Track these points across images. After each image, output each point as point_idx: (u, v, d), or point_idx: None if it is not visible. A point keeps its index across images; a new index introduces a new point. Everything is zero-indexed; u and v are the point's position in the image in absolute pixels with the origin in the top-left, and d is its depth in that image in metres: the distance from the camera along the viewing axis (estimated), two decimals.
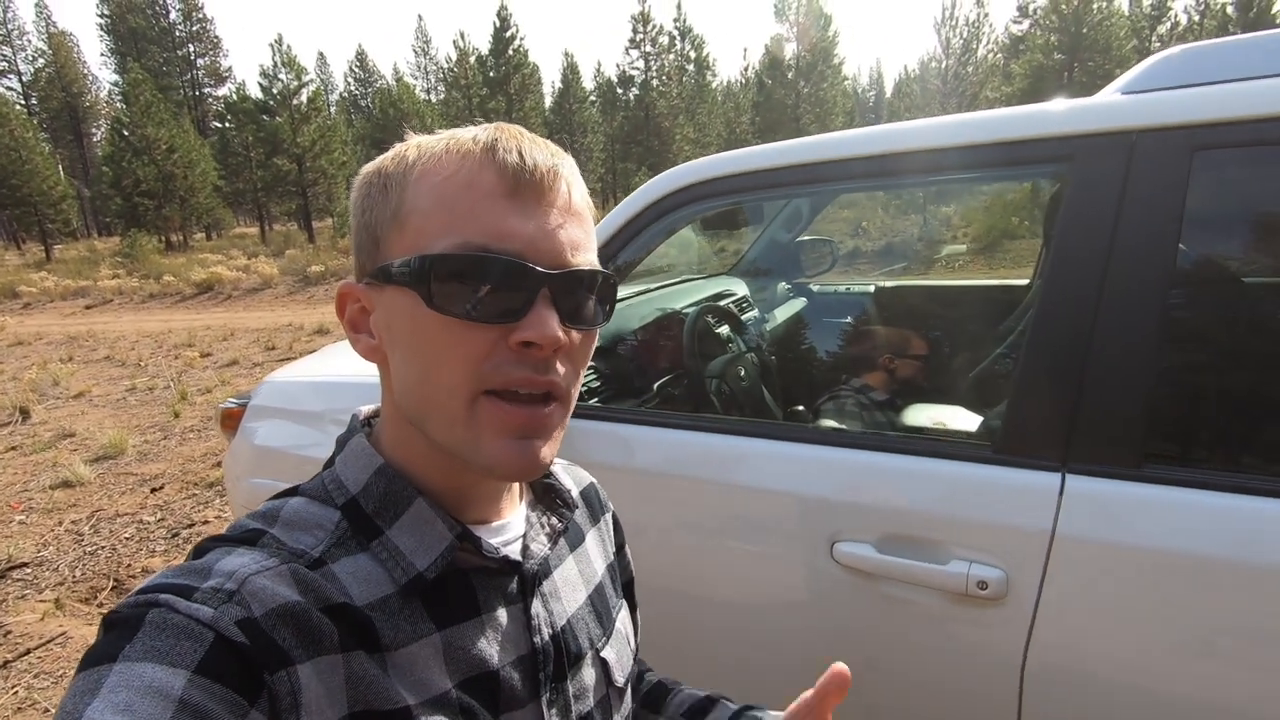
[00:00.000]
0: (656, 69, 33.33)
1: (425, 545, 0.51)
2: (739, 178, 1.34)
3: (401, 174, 0.50)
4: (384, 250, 0.50)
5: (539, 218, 0.48)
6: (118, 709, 0.36)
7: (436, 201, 0.48)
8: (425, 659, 0.49)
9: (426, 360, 0.48)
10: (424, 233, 0.48)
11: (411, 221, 0.48)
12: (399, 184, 0.50)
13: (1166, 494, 0.95)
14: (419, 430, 0.51)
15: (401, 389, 0.51)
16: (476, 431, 0.48)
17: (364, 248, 0.52)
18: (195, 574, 0.43)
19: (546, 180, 0.49)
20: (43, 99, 43.28)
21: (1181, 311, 1.00)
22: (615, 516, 0.76)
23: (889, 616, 1.12)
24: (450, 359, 0.47)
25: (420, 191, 0.48)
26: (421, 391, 0.49)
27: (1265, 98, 0.94)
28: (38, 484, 4.31)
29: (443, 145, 0.50)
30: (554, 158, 0.50)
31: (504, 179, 0.48)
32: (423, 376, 0.49)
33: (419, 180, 0.49)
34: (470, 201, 0.47)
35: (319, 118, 28.60)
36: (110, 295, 16.13)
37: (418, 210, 0.48)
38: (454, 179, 0.48)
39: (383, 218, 0.50)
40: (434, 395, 0.48)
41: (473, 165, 0.48)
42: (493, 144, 0.49)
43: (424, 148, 0.51)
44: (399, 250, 0.49)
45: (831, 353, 2.28)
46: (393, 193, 0.50)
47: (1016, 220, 12.62)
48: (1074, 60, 26.05)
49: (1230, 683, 0.91)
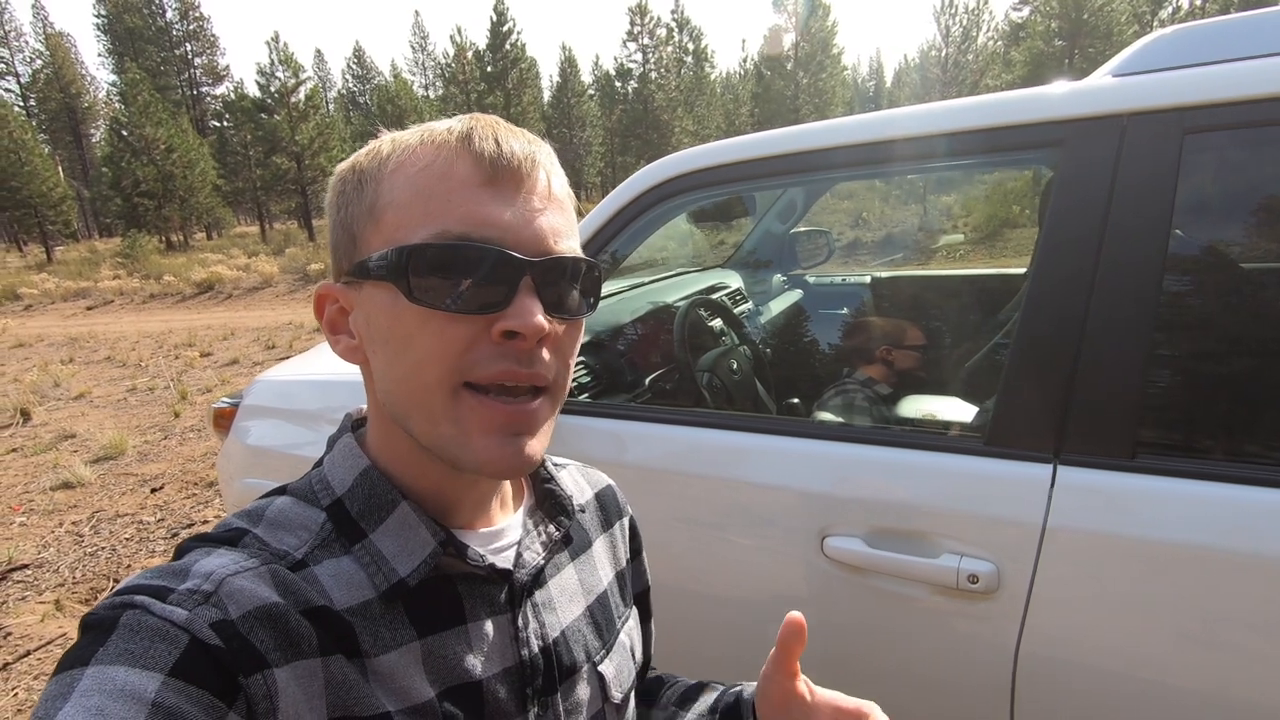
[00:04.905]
0: (654, 61, 33.19)
1: (408, 550, 0.49)
2: (728, 168, 1.33)
3: (376, 168, 0.49)
4: (361, 246, 0.49)
5: (518, 205, 0.47)
6: (90, 713, 0.35)
7: (413, 193, 0.46)
8: (405, 666, 0.48)
9: (408, 355, 0.46)
10: (401, 225, 0.47)
11: (388, 215, 0.47)
12: (374, 179, 0.48)
13: (1160, 484, 0.94)
14: (404, 430, 0.50)
15: (384, 387, 0.49)
16: (462, 428, 0.47)
17: (341, 246, 0.51)
18: (173, 575, 0.43)
19: (524, 168, 0.48)
20: (41, 100, 43.24)
21: (1174, 298, 0.98)
22: (633, 521, 0.73)
23: (880, 611, 1.11)
24: (432, 353, 0.46)
25: (396, 184, 0.47)
26: (404, 388, 0.47)
27: (1257, 78, 0.92)
28: (38, 485, 4.32)
29: (417, 137, 0.49)
30: (531, 145, 0.49)
31: (480, 167, 0.46)
32: (405, 373, 0.47)
33: (394, 173, 0.48)
34: (447, 191, 0.46)
35: (317, 115, 28.58)
36: (111, 296, 16.16)
37: (394, 203, 0.47)
38: (429, 170, 0.47)
39: (359, 214, 0.49)
40: (416, 392, 0.47)
41: (448, 155, 0.47)
42: (468, 133, 0.47)
43: (398, 141, 0.49)
44: (376, 245, 0.48)
45: (824, 345, 2.27)
46: (368, 188, 0.49)
47: (1017, 209, 12.57)
48: (1074, 46, 25.86)
49: (1224, 673, 0.90)
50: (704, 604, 1.28)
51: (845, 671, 1.16)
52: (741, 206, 2.47)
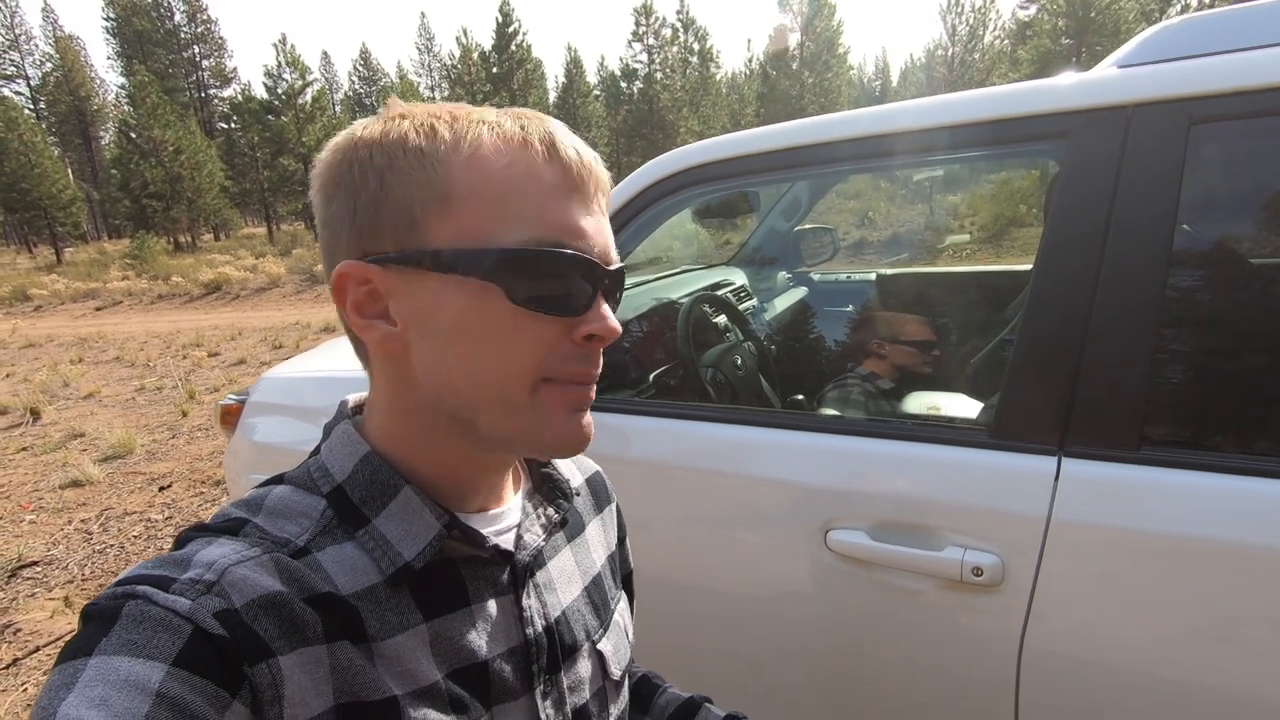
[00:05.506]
0: (660, 62, 33.17)
1: (413, 534, 0.50)
2: (734, 161, 1.33)
3: (442, 151, 0.46)
4: (423, 232, 0.46)
5: (594, 214, 0.50)
6: (93, 703, 0.35)
7: (500, 191, 0.46)
8: (413, 649, 0.48)
9: (493, 352, 0.47)
10: (486, 221, 0.46)
11: (466, 207, 0.46)
12: (441, 162, 0.46)
13: (1165, 476, 0.93)
14: (447, 420, 0.50)
15: (441, 379, 0.48)
16: (540, 414, 0.49)
17: (383, 223, 0.47)
18: (174, 565, 0.43)
19: (595, 178, 0.51)
20: (51, 103, 43.58)
21: (1179, 290, 0.98)
22: (619, 508, 0.76)
23: (884, 604, 1.10)
24: (523, 352, 0.48)
25: (474, 176, 0.46)
26: (480, 382, 0.48)
27: (1263, 68, 0.91)
28: (48, 484, 4.35)
29: (483, 129, 0.47)
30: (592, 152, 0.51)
31: (568, 177, 0.48)
32: (485, 367, 0.47)
33: (469, 163, 0.46)
34: (539, 196, 0.47)
35: (324, 117, 28.67)
36: (120, 297, 16.27)
37: (474, 195, 0.46)
38: (514, 169, 0.47)
39: (422, 196, 0.46)
40: (494, 385, 0.48)
41: (533, 158, 0.47)
42: (551, 138, 0.48)
43: (460, 127, 0.47)
44: (447, 235, 0.46)
45: (830, 341, 2.26)
46: (433, 169, 0.46)
47: (1024, 209, 12.51)
48: (1082, 45, 25.70)
49: (1230, 666, 0.89)
50: (707, 597, 1.28)
51: (849, 664, 1.16)
52: (746, 204, 2.47)
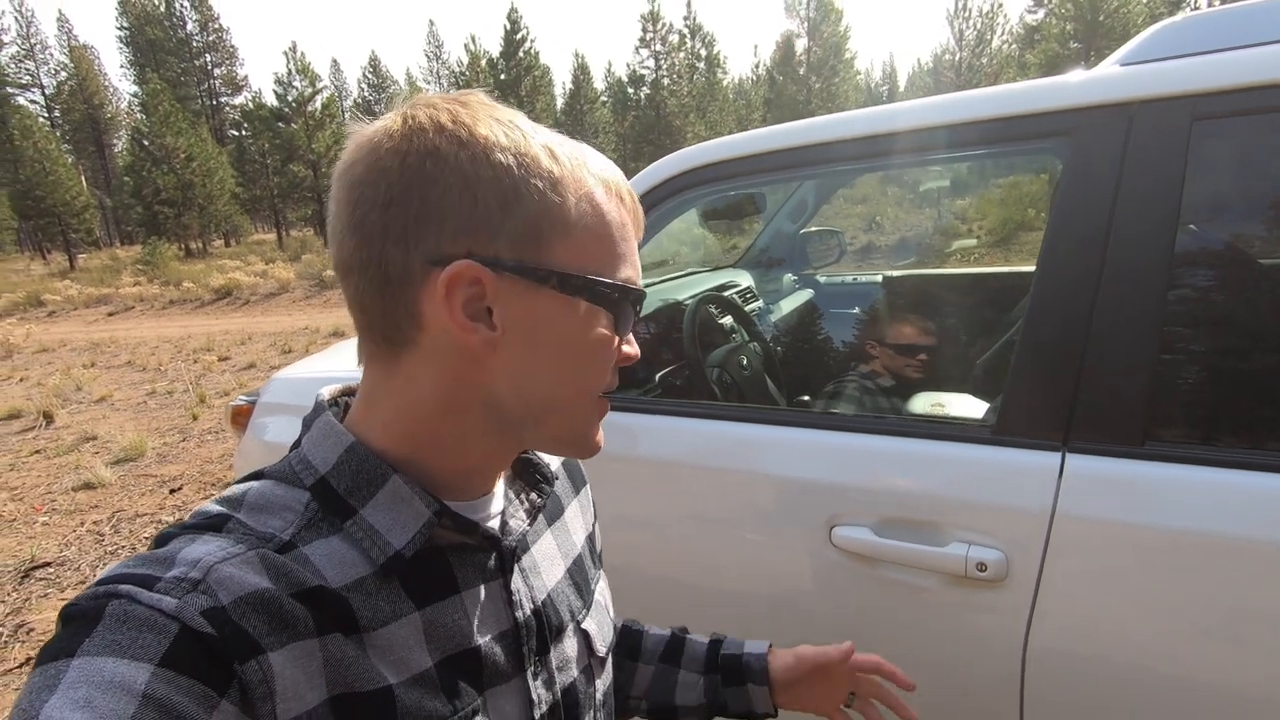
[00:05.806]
0: (667, 68, 33.29)
1: (402, 523, 0.50)
2: (743, 160, 1.33)
3: (567, 183, 0.50)
4: (545, 250, 0.49)
5: None
6: (77, 705, 0.35)
7: (604, 231, 0.52)
8: (405, 638, 0.49)
9: (586, 366, 0.53)
10: (597, 255, 0.52)
11: (583, 239, 0.51)
12: (566, 191, 0.50)
13: (1169, 471, 0.93)
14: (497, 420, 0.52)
15: (523, 384, 0.51)
16: (593, 422, 0.56)
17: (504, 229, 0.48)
18: (157, 563, 0.42)
19: None
20: (65, 111, 44.11)
21: (1182, 286, 0.98)
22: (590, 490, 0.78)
23: (888, 600, 1.11)
24: (604, 368, 0.55)
25: (586, 212, 0.51)
26: (565, 391, 0.53)
27: (1266, 64, 0.92)
28: (61, 486, 4.39)
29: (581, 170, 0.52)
30: None
31: (636, 223, 0.56)
32: (568, 377, 0.53)
33: (582, 201, 0.51)
34: (626, 239, 0.54)
35: (333, 124, 28.90)
36: (132, 302, 16.41)
37: (588, 231, 0.51)
38: (611, 214, 0.53)
39: (552, 219, 0.49)
40: (572, 395, 0.53)
41: (618, 205, 0.54)
42: (620, 189, 0.54)
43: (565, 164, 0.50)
44: (564, 258, 0.50)
45: (836, 342, 2.27)
46: (562, 196, 0.50)
47: (1032, 213, 12.45)
48: (1090, 48, 25.61)
49: (1235, 663, 0.89)
50: (712, 594, 1.29)
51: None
52: (752, 206, 2.48)
